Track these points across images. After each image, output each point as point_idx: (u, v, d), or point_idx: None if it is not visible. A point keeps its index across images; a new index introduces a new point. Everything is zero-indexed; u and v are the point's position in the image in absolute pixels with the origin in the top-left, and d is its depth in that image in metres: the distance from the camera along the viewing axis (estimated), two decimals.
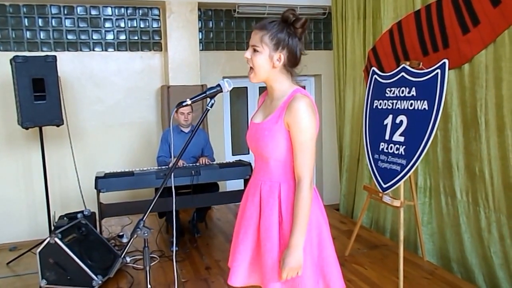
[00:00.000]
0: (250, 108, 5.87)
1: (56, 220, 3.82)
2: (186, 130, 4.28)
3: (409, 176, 3.26)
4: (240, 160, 4.49)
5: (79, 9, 4.87)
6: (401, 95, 3.35)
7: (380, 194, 3.38)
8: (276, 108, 1.70)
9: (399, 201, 3.21)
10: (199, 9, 5.17)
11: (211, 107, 1.79)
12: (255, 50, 1.67)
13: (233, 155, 5.76)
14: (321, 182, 5.99)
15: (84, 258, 3.24)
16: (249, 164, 4.16)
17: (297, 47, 1.70)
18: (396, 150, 3.28)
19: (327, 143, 5.91)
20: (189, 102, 1.76)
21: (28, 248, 4.02)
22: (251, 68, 1.71)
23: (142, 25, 5.12)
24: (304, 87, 1.80)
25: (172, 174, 1.83)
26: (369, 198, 3.63)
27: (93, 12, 4.93)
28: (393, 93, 3.45)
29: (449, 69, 3.04)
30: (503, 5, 2.90)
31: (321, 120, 5.89)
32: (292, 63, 1.72)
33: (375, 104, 3.66)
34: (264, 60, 1.67)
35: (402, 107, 3.32)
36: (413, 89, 3.24)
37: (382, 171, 3.41)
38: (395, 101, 3.42)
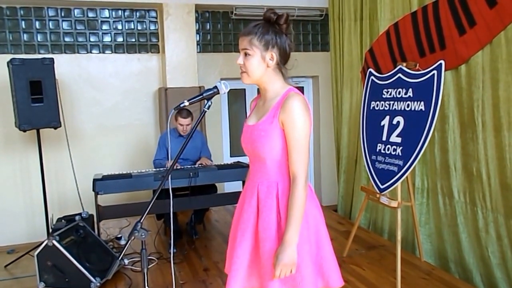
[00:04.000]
0: (248, 109, 5.86)
1: (54, 222, 3.81)
2: (185, 134, 4.27)
3: (406, 177, 3.28)
4: (238, 161, 4.50)
5: (76, 11, 4.87)
6: (398, 96, 3.36)
7: (378, 195, 3.39)
8: (270, 109, 1.72)
9: (397, 202, 3.21)
10: (196, 11, 5.17)
11: (208, 108, 1.80)
12: (246, 54, 1.70)
13: (231, 156, 5.76)
14: (319, 183, 6.00)
15: (82, 260, 3.24)
16: (247, 165, 4.15)
17: (286, 43, 1.73)
18: (393, 151, 3.29)
19: (325, 145, 5.92)
20: (186, 103, 1.76)
21: (26, 251, 4.01)
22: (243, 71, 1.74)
23: (139, 27, 5.12)
24: (302, 88, 1.81)
25: (170, 176, 1.83)
26: (366, 199, 3.64)
27: (90, 14, 4.93)
28: (390, 94, 3.46)
29: (445, 70, 3.05)
30: (499, 6, 2.92)
31: (319, 122, 5.90)
32: (284, 60, 1.75)
33: (372, 105, 3.67)
34: (257, 62, 1.70)
35: (399, 108, 3.33)
36: (410, 90, 3.25)
37: (379, 172, 3.42)
38: (392, 102, 3.43)
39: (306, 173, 1.67)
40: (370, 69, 3.82)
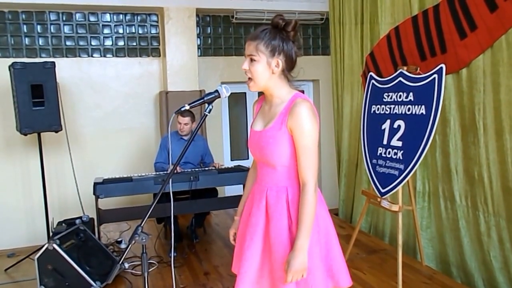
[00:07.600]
0: (249, 113, 5.87)
1: (55, 226, 3.81)
2: (186, 137, 4.27)
3: (408, 181, 3.27)
4: (239, 165, 4.49)
5: (77, 15, 4.89)
6: (399, 100, 3.36)
7: (379, 199, 3.38)
8: (277, 115, 1.72)
9: (398, 206, 3.20)
10: (197, 15, 5.18)
11: (209, 112, 1.79)
12: (252, 60, 1.69)
13: (231, 160, 5.76)
14: (320, 187, 5.88)
15: (82, 264, 3.23)
16: (248, 169, 4.15)
17: (292, 50, 1.72)
18: (394, 155, 3.29)
19: (326, 148, 5.91)
20: (187, 107, 1.76)
21: (26, 255, 4.01)
22: (249, 78, 1.73)
23: (140, 31, 5.13)
24: (303, 92, 1.80)
25: (170, 179, 1.83)
26: (367, 203, 3.63)
27: (92, 18, 4.94)
28: (391, 98, 3.46)
29: (446, 73, 3.05)
30: (500, 10, 2.91)
31: (319, 125, 5.89)
32: (289, 67, 1.74)
33: (372, 109, 3.66)
34: (263, 68, 1.69)
35: (400, 112, 3.32)
36: (411, 94, 3.25)
37: (380, 176, 3.41)
38: (392, 106, 3.42)
39: (315, 179, 1.69)
40: (371, 73, 3.82)
